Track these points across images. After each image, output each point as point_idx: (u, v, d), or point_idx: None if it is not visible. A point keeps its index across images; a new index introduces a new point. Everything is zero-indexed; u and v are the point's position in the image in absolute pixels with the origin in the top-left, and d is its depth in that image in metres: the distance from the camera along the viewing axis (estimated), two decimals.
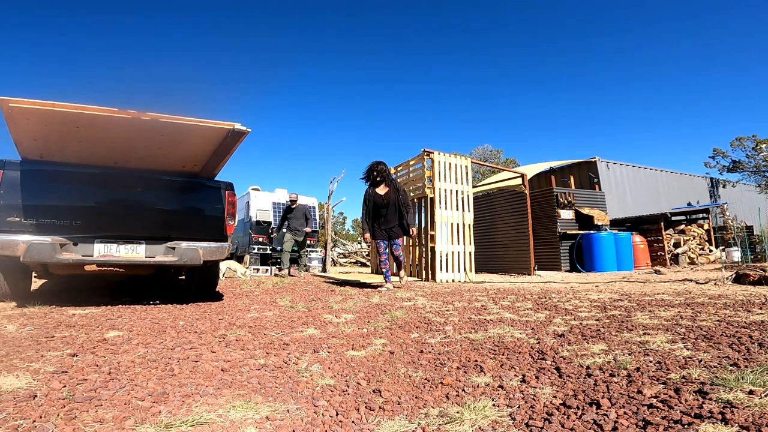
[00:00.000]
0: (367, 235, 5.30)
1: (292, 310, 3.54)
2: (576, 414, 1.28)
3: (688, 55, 63.79)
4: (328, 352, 2.12)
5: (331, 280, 7.42)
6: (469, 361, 1.91)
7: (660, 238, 10.41)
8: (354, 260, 17.52)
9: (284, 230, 8.82)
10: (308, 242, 14.38)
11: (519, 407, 1.36)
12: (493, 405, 1.39)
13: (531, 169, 12.54)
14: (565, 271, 9.40)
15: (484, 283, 6.45)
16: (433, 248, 7.14)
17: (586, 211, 9.87)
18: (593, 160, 13.37)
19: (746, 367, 1.62)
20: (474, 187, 10.18)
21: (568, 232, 9.64)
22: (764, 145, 21.46)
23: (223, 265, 7.92)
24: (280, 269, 9.10)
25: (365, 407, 1.41)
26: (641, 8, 64.69)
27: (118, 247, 3.53)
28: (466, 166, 7.70)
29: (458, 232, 7.36)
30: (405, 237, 5.36)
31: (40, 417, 1.27)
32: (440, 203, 7.25)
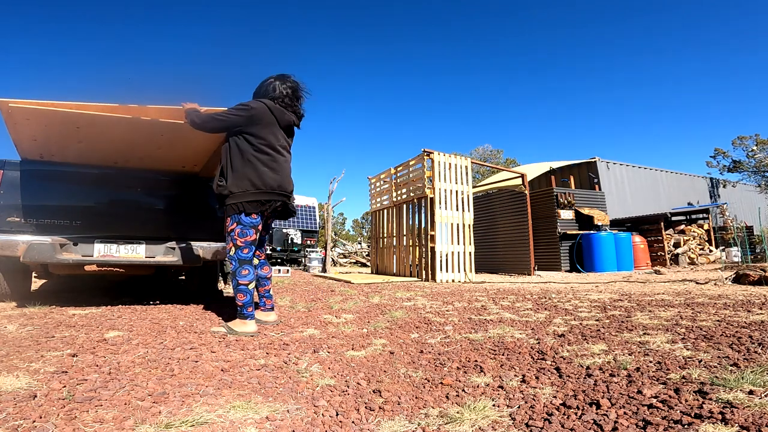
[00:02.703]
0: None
1: (292, 310, 3.54)
2: (576, 414, 1.28)
3: (688, 54, 63.84)
4: (328, 352, 2.12)
5: (331, 280, 7.42)
6: (469, 361, 1.91)
7: (660, 238, 10.40)
8: (354, 260, 17.52)
9: None
10: (309, 242, 14.42)
11: (519, 407, 1.36)
12: (493, 405, 1.39)
13: (531, 170, 12.55)
14: (565, 271, 9.40)
15: (484, 284, 6.45)
16: (433, 248, 7.14)
17: (586, 211, 9.87)
18: (593, 160, 13.37)
19: (746, 367, 1.62)
20: (474, 187, 10.18)
21: (568, 232, 9.64)
22: (756, 147, 21.51)
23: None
24: None
25: (365, 407, 1.41)
26: (641, 9, 64.69)
27: (118, 247, 3.53)
28: (466, 166, 7.70)
29: (458, 232, 7.36)
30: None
31: (40, 417, 1.27)
32: (440, 203, 7.25)
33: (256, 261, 2.86)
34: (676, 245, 10.72)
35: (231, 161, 2.65)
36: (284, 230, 14.11)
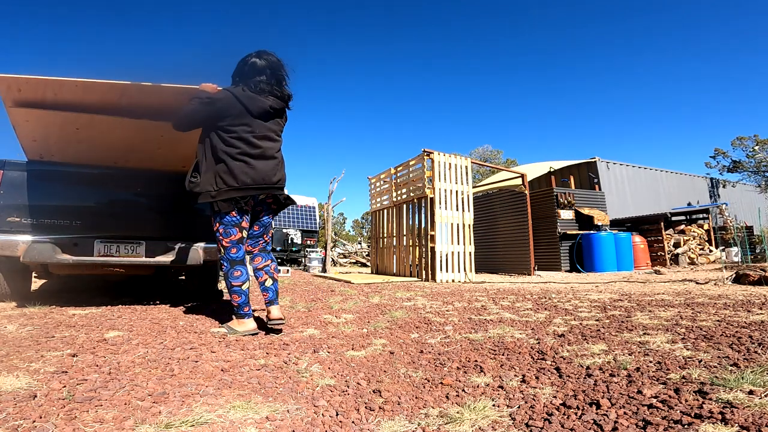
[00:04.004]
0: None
1: (292, 310, 3.54)
2: (576, 414, 1.28)
3: (688, 55, 63.88)
4: (328, 352, 2.12)
5: (331, 280, 7.42)
6: (469, 361, 1.91)
7: (660, 238, 10.40)
8: (354, 260, 17.52)
9: None
10: (309, 242, 14.42)
11: (519, 407, 1.36)
12: (493, 405, 1.39)
13: (531, 170, 12.55)
14: (565, 271, 9.40)
15: (484, 283, 6.45)
16: (433, 248, 7.13)
17: (586, 211, 9.87)
18: (593, 160, 13.38)
19: (746, 367, 1.62)
20: (474, 187, 10.18)
21: (568, 232, 9.63)
22: (757, 146, 21.51)
23: None
24: None
25: (365, 407, 1.41)
26: (641, 9, 64.74)
27: (118, 248, 3.53)
28: (466, 167, 7.70)
29: (458, 232, 7.36)
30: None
31: (40, 417, 1.27)
32: (440, 203, 7.25)
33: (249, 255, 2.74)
34: (676, 245, 10.72)
35: (204, 157, 2.56)
36: (284, 230, 14.11)
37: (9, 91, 2.77)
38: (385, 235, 9.30)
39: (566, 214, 9.82)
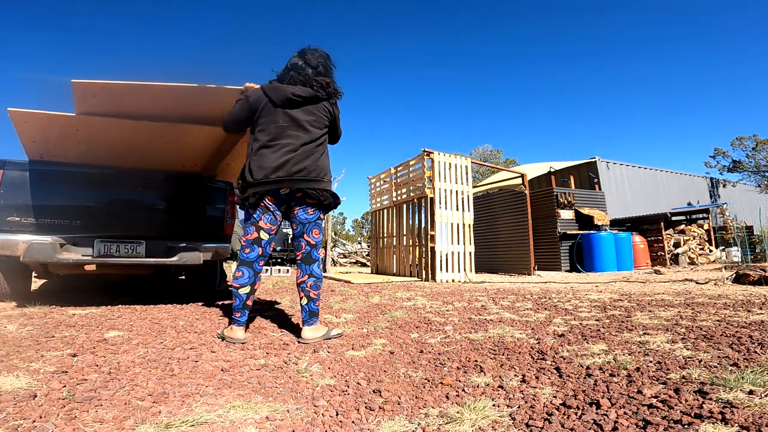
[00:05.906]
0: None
1: (292, 310, 3.54)
2: (576, 414, 1.28)
3: (688, 54, 63.89)
4: (328, 352, 2.12)
5: (331, 280, 7.42)
6: (469, 361, 1.91)
7: (660, 238, 10.40)
8: (354, 260, 17.52)
9: None
10: None
11: (519, 407, 1.36)
12: (493, 405, 1.39)
13: (531, 170, 12.56)
14: (565, 271, 9.40)
15: (484, 283, 6.45)
16: (433, 248, 7.13)
17: (586, 211, 9.87)
18: (593, 160, 13.38)
19: (746, 367, 1.62)
20: (474, 187, 10.18)
21: (568, 232, 9.64)
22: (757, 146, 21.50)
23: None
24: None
25: (365, 407, 1.41)
26: (641, 8, 64.76)
27: (118, 247, 3.53)
28: (466, 166, 7.70)
29: (458, 232, 7.36)
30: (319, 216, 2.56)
31: (40, 417, 1.27)
32: (440, 203, 7.25)
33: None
34: (676, 245, 10.72)
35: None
36: (284, 230, 14.08)
37: (84, 96, 2.69)
38: (385, 235, 9.30)
39: (566, 214, 9.82)
